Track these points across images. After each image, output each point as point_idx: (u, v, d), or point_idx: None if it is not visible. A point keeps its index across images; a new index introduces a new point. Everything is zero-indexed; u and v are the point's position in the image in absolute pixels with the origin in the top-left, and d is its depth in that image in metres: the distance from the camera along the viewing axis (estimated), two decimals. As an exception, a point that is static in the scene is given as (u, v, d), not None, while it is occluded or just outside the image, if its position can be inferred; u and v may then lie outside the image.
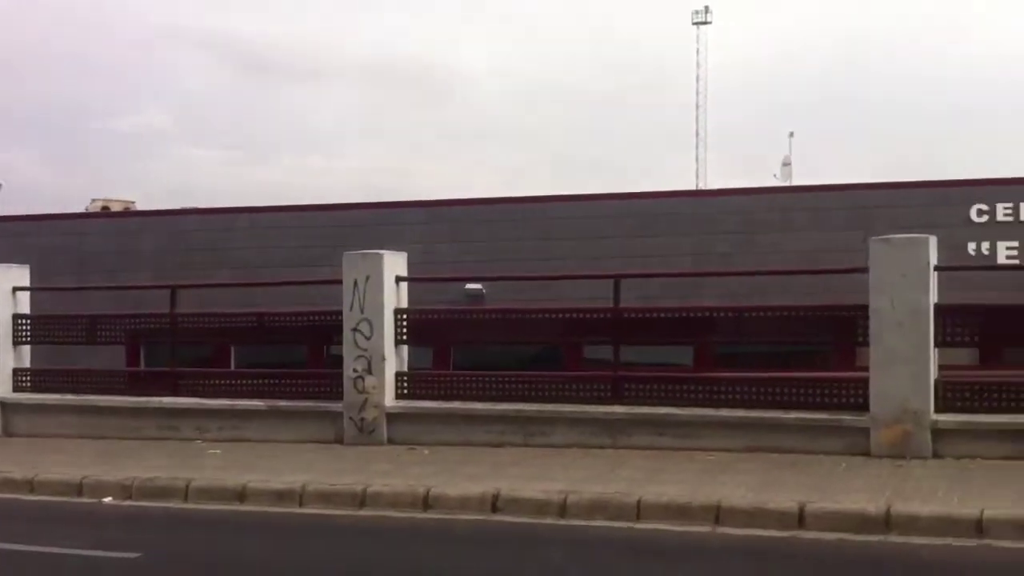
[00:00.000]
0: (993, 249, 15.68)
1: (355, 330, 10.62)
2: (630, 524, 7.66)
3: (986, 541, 6.85)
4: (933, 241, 9.07)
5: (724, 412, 9.63)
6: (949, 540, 6.91)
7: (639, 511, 7.75)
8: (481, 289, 15.82)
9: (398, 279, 10.79)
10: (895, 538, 7.04)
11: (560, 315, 10.41)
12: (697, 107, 59.28)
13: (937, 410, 8.93)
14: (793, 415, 9.40)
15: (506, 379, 10.55)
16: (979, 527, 6.95)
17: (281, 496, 8.72)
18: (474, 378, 10.74)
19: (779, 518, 7.41)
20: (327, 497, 8.61)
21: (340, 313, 10.71)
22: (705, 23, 60.36)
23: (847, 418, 9.17)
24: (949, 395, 8.97)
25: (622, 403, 10.03)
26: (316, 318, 11.42)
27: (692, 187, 50.16)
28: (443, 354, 14.75)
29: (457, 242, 16.87)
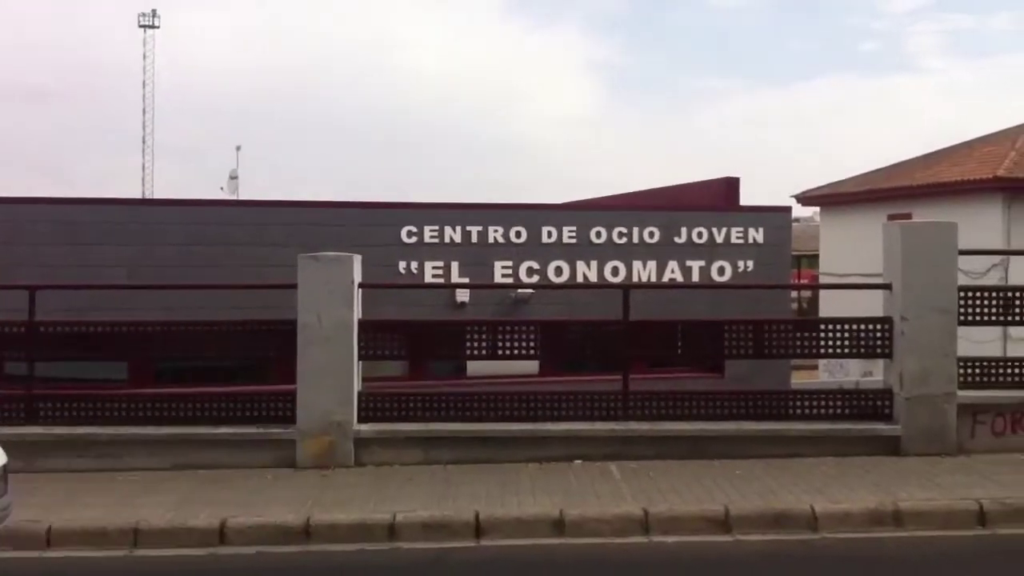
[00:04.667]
0: (421, 268, 16.84)
1: None
2: (40, 553, 7.13)
3: (397, 544, 7.24)
4: (358, 259, 9.46)
5: (150, 430, 9.27)
6: (364, 545, 7.22)
7: (50, 539, 7.24)
8: None
9: None
10: (314, 547, 7.22)
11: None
12: (144, 112, 57.25)
13: (360, 420, 9.33)
14: (223, 430, 9.30)
15: None
16: (392, 531, 7.34)
17: None
18: None
19: (200, 535, 7.29)
20: None
21: None
22: (152, 27, 58.34)
23: (275, 431, 9.26)
24: (371, 406, 9.43)
25: (38, 424, 9.29)
26: None
27: (139, 195, 48.38)
28: None
29: None
